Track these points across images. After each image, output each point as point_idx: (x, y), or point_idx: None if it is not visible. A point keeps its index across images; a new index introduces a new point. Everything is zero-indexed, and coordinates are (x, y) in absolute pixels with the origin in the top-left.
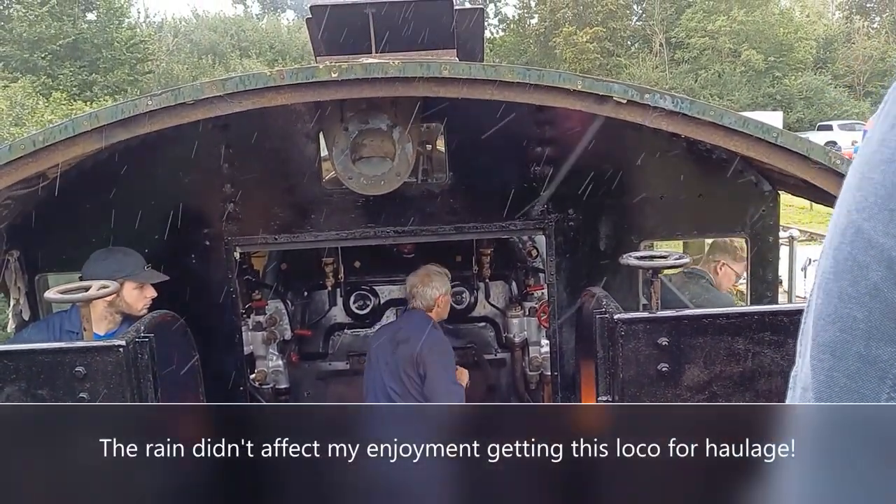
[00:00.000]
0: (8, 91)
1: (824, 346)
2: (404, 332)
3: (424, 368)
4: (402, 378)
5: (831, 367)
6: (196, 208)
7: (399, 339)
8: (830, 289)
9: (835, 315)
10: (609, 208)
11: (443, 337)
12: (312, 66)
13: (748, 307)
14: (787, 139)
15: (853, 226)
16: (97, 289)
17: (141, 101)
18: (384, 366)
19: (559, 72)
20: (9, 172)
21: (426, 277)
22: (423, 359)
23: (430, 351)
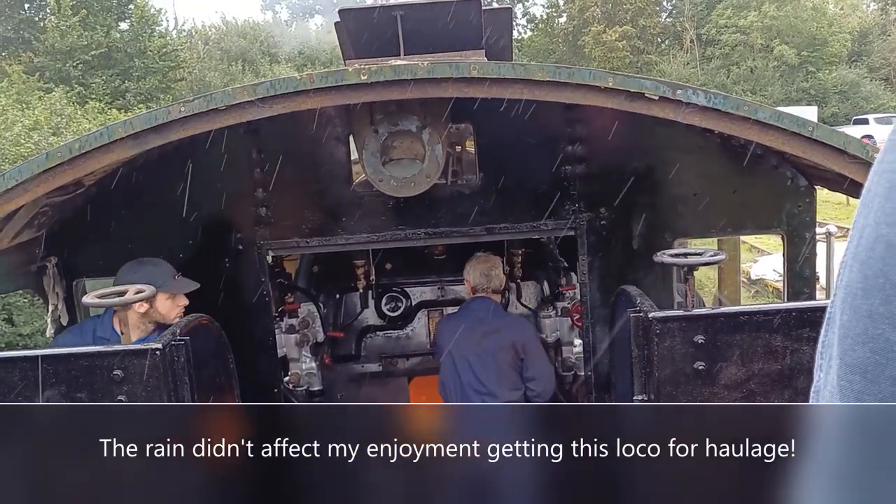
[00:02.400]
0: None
1: (853, 367)
2: (491, 323)
3: (524, 353)
4: (502, 364)
5: (862, 389)
6: (228, 213)
7: (485, 330)
8: (859, 306)
9: (865, 335)
10: (641, 206)
11: (529, 321)
12: (342, 69)
13: (786, 304)
14: (823, 133)
15: (883, 240)
16: (133, 293)
17: (174, 108)
18: (471, 356)
19: (590, 69)
20: (46, 180)
21: (492, 262)
22: (520, 344)
23: (523, 336)
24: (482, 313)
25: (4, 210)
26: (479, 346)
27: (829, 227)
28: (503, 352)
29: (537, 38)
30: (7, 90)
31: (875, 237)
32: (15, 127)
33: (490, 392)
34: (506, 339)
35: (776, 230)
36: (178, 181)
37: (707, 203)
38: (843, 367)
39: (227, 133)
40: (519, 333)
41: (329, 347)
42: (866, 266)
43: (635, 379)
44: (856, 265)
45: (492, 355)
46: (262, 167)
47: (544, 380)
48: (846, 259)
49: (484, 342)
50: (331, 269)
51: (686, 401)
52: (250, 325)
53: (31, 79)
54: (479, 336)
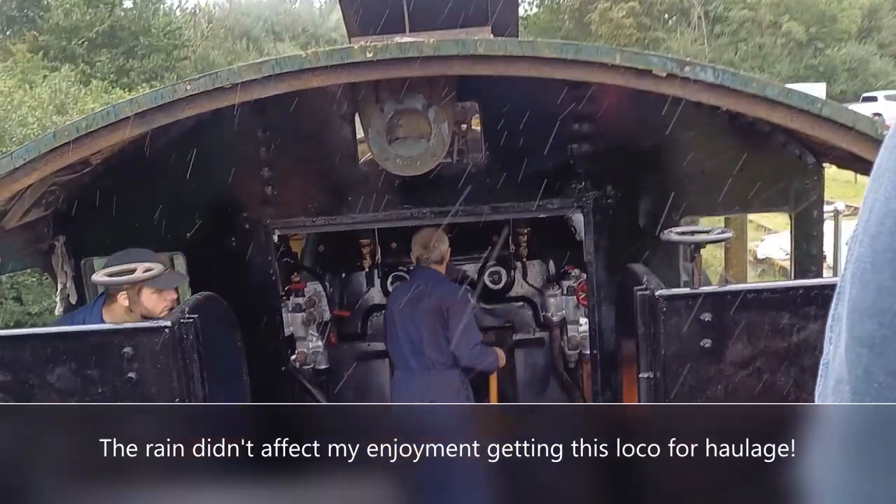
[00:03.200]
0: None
1: (861, 340)
2: (424, 287)
3: (447, 314)
4: (425, 329)
5: (869, 362)
6: (235, 192)
7: (419, 294)
8: (868, 280)
9: (873, 309)
10: (648, 184)
11: (463, 288)
12: (347, 46)
13: (793, 281)
14: (831, 110)
15: (893, 215)
16: (142, 271)
17: (180, 87)
18: (406, 320)
19: (596, 46)
20: (53, 159)
21: (432, 235)
22: (444, 307)
23: (449, 300)
24: (421, 281)
25: (12, 189)
26: (415, 311)
27: (837, 206)
28: (431, 314)
29: (543, 16)
30: (12, 70)
31: (885, 212)
32: (21, 108)
33: (422, 352)
34: (434, 303)
35: (784, 208)
36: (185, 160)
37: (714, 181)
38: (851, 341)
39: (233, 112)
40: (447, 299)
41: (335, 326)
42: (876, 241)
43: (641, 356)
44: (866, 239)
45: (423, 317)
46: (268, 146)
47: (461, 343)
48: (857, 233)
49: (419, 306)
50: (337, 248)
51: (692, 378)
52: (257, 304)
53: (35, 58)
54: (416, 301)
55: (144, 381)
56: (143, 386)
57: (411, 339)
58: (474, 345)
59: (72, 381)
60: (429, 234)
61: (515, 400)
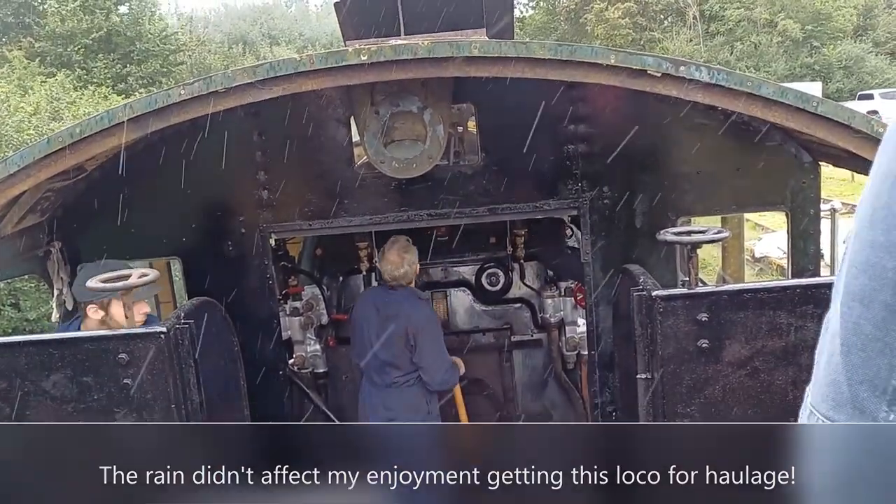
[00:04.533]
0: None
1: (853, 294)
2: (394, 308)
3: (416, 340)
4: (394, 349)
5: (859, 315)
6: (231, 196)
7: (387, 314)
8: (864, 237)
9: (865, 263)
10: (644, 185)
11: (432, 311)
12: (342, 49)
13: (790, 280)
14: (827, 108)
15: (892, 175)
16: (137, 277)
17: (174, 91)
18: (374, 337)
19: (591, 46)
20: (48, 165)
21: (399, 259)
22: (411, 332)
23: (417, 325)
24: (392, 300)
25: (8, 195)
26: (382, 328)
27: (834, 204)
28: (400, 338)
29: (539, 17)
30: (8, 76)
31: (887, 172)
32: (17, 113)
33: (386, 371)
34: (403, 326)
35: (780, 207)
36: (180, 165)
37: (710, 181)
38: (845, 295)
39: (228, 116)
40: (416, 323)
41: (333, 330)
42: (876, 199)
43: (639, 357)
44: (868, 199)
45: (392, 340)
46: (264, 150)
47: (431, 370)
48: (863, 196)
49: (385, 324)
50: (334, 251)
51: (689, 378)
52: (254, 308)
53: (31, 64)
54: (382, 318)
55: (140, 387)
56: (139, 392)
57: (377, 356)
58: (446, 370)
59: (67, 387)
60: (396, 256)
61: (513, 401)
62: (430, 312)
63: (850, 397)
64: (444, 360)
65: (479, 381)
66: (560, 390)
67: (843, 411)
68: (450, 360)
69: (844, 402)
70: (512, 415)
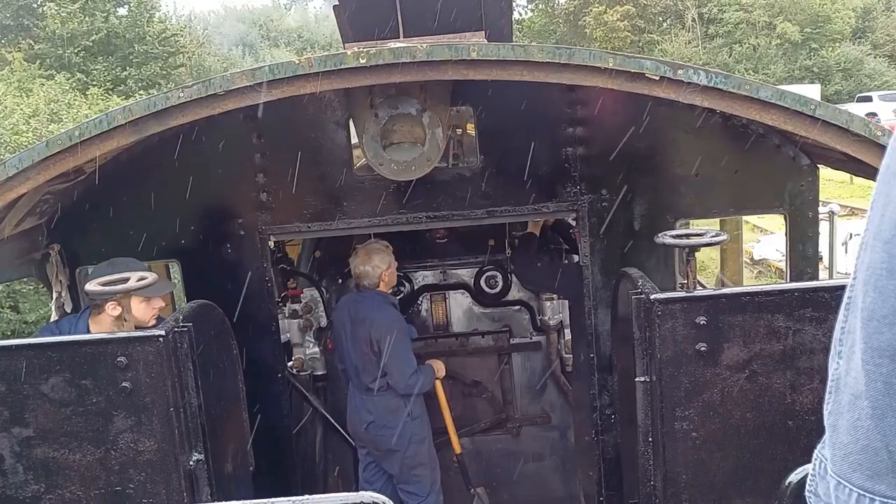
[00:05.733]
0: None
1: (880, 350)
2: (362, 312)
3: (379, 346)
4: (361, 354)
5: (890, 373)
6: (229, 198)
7: (356, 318)
8: (884, 286)
9: (893, 316)
10: (643, 187)
11: (395, 315)
12: (341, 52)
13: (788, 284)
14: (825, 111)
15: None
16: (136, 280)
17: (173, 94)
18: (348, 341)
19: (590, 50)
20: (47, 167)
21: (366, 258)
22: (375, 337)
23: (380, 330)
24: (361, 305)
25: (6, 198)
26: (354, 336)
27: (832, 206)
28: (365, 343)
29: (538, 19)
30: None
31: None
32: (14, 115)
33: (359, 376)
34: (367, 332)
35: (778, 210)
36: (179, 167)
37: (709, 183)
38: (868, 352)
39: (227, 118)
40: (380, 329)
41: (332, 332)
42: (891, 245)
43: (637, 361)
44: (878, 244)
45: (359, 345)
46: (263, 152)
47: (395, 375)
48: (866, 239)
49: (356, 332)
50: (333, 253)
51: (688, 381)
52: (253, 310)
53: (31, 66)
54: (354, 325)
55: (138, 390)
56: (138, 395)
57: (351, 360)
58: (410, 375)
59: (66, 390)
60: (363, 257)
61: (512, 404)
62: (393, 317)
63: (891, 465)
64: (407, 365)
65: (477, 384)
66: (559, 393)
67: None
68: (414, 365)
69: (885, 470)
70: (511, 417)
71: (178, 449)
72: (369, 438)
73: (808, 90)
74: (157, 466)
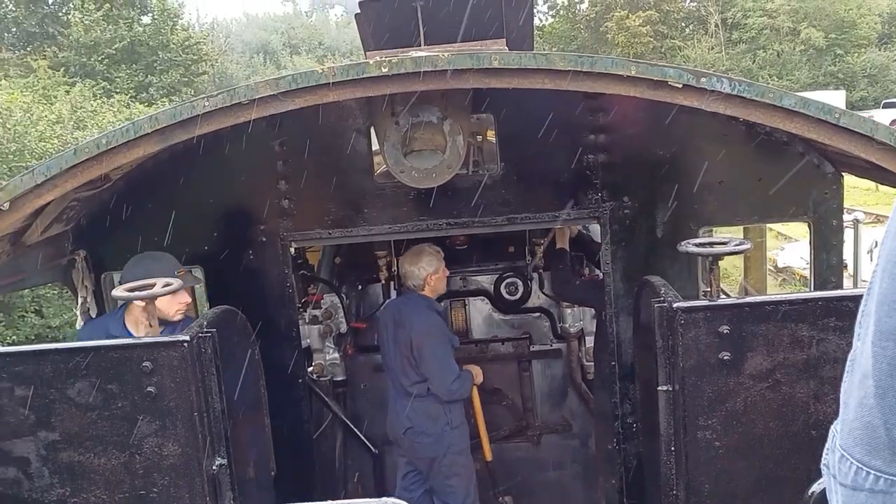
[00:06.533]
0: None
1: (887, 334)
2: (404, 315)
3: (418, 352)
4: (401, 358)
5: (895, 355)
6: (252, 205)
7: (398, 321)
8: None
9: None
10: (665, 195)
11: (436, 320)
12: (363, 62)
13: (812, 293)
14: (849, 120)
15: None
16: (161, 286)
17: (198, 103)
18: (391, 344)
19: (611, 58)
20: (74, 175)
21: (415, 258)
22: (416, 342)
23: (421, 334)
24: (404, 307)
25: (35, 205)
26: (395, 339)
27: (857, 215)
28: (405, 346)
29: (559, 25)
30: (33, 86)
31: None
32: (40, 123)
33: (400, 380)
34: (407, 336)
35: (803, 217)
36: (203, 174)
37: (732, 191)
38: (877, 334)
39: (250, 126)
40: (420, 334)
41: (352, 338)
42: None
43: (660, 369)
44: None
45: (399, 349)
46: (285, 159)
47: (436, 381)
48: (890, 228)
49: (397, 335)
50: (353, 260)
51: (711, 390)
52: (274, 316)
53: (56, 74)
54: (396, 328)
55: (163, 394)
56: (162, 400)
57: (394, 364)
58: (452, 380)
59: (92, 395)
60: (411, 257)
61: (532, 411)
62: (434, 321)
63: (888, 442)
64: (449, 371)
65: (497, 391)
66: (580, 401)
67: (880, 456)
68: (457, 370)
69: (881, 447)
70: (531, 424)
71: (202, 453)
72: (407, 444)
73: (832, 96)
74: (181, 471)
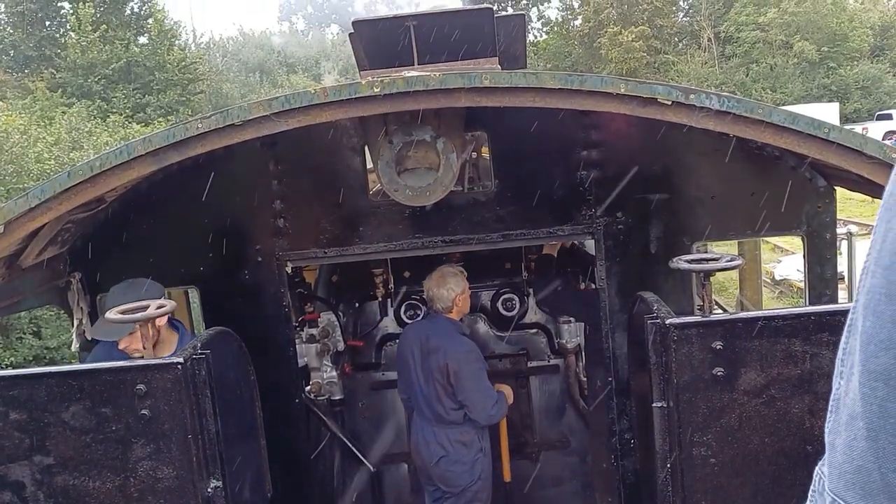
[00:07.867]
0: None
1: (876, 374)
2: (434, 341)
3: (455, 378)
4: (434, 384)
5: (885, 397)
6: (247, 225)
7: (429, 347)
8: (882, 311)
9: (889, 342)
10: (659, 210)
11: (471, 345)
12: (355, 82)
13: (805, 308)
14: (839, 134)
15: None
16: (155, 308)
17: (192, 124)
18: (418, 372)
19: (601, 76)
20: (69, 197)
21: (441, 280)
22: (452, 369)
23: (457, 361)
24: (432, 332)
25: (29, 228)
26: (425, 364)
27: (850, 227)
28: (440, 372)
29: (553, 41)
30: (30, 107)
31: None
32: (38, 144)
33: (433, 406)
34: (442, 362)
35: (796, 231)
36: (198, 195)
37: (725, 206)
38: (865, 374)
39: (245, 146)
40: (455, 359)
41: (349, 356)
42: (890, 271)
43: (654, 385)
44: (878, 270)
45: (432, 374)
46: (280, 179)
47: (476, 407)
48: (868, 264)
49: (429, 360)
50: (350, 278)
51: (705, 406)
52: (271, 335)
53: (53, 95)
54: (426, 354)
55: (157, 417)
56: (156, 423)
57: (423, 391)
58: (491, 405)
59: (86, 418)
60: (438, 279)
61: (531, 428)
62: (469, 347)
63: (883, 486)
64: (488, 395)
65: None
66: (578, 416)
67: (875, 500)
68: (495, 395)
69: (876, 491)
70: (529, 441)
71: (197, 476)
72: (439, 473)
73: (826, 109)
74: (176, 494)
